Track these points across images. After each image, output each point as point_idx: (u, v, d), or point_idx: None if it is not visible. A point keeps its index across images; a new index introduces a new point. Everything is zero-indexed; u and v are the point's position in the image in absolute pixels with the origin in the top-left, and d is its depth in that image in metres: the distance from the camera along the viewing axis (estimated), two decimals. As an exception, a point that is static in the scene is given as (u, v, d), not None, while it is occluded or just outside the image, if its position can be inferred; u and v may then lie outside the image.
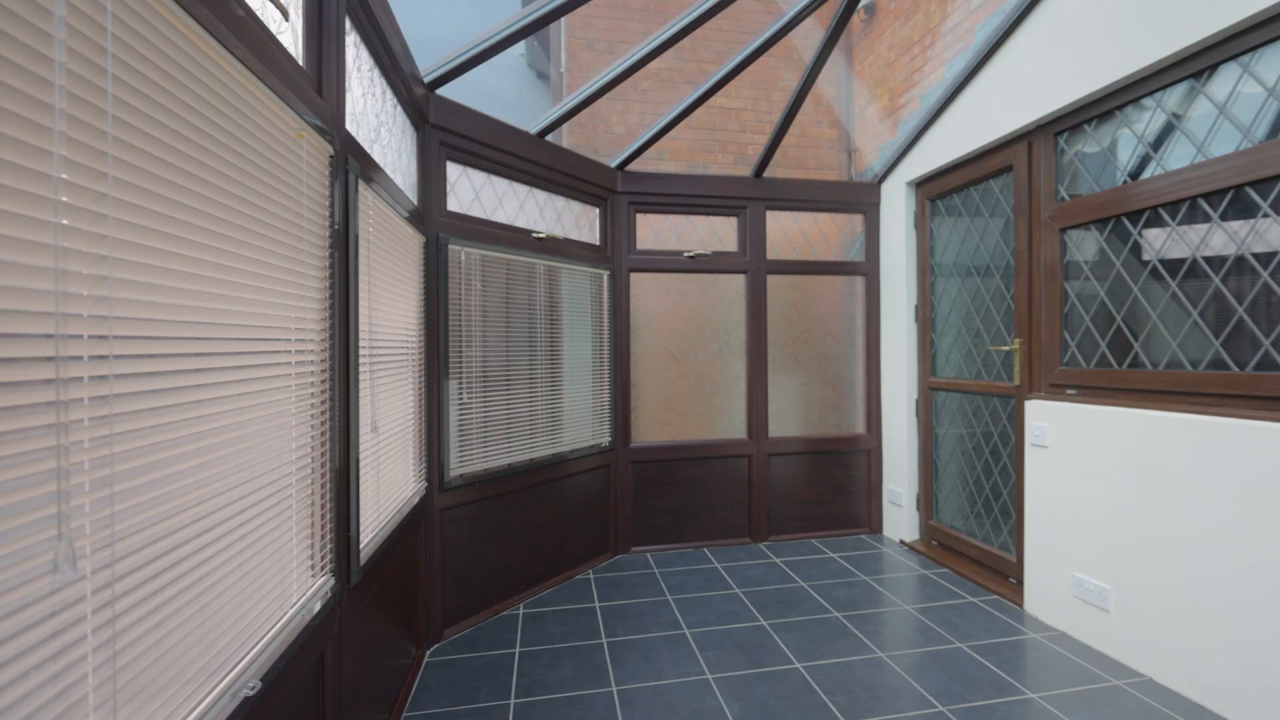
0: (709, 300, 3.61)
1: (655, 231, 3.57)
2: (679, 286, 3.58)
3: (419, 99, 2.34)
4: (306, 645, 1.29)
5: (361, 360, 1.72)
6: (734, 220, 3.64)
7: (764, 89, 4.20)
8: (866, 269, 3.79)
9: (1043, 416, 2.60)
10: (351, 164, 1.63)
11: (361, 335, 1.72)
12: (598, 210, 3.42)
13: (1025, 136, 2.77)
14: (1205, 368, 2.08)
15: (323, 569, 1.47)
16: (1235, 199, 1.99)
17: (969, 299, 3.24)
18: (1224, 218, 2.03)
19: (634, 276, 3.52)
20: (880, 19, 3.95)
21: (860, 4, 4.07)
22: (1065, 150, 2.62)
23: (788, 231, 3.72)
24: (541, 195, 3.07)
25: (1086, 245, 2.55)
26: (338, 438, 1.53)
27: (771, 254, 3.68)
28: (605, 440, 3.37)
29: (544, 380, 3.00)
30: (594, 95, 2.93)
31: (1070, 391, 2.56)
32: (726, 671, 2.21)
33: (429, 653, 2.40)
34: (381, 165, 2.00)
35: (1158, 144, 2.25)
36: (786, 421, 3.68)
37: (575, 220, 3.27)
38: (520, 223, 2.94)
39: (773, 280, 3.67)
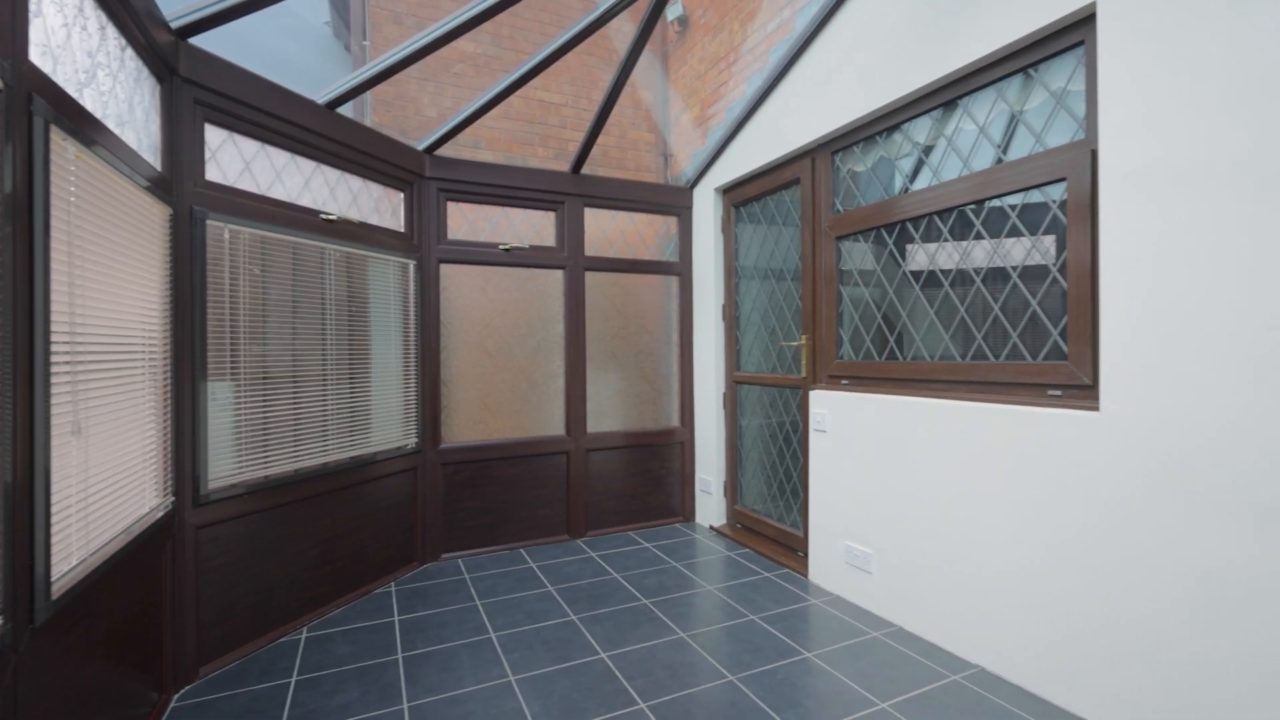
0: (527, 295, 3.53)
1: (469, 222, 3.40)
2: (495, 280, 3.45)
3: (163, 46, 1.96)
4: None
5: (59, 358, 1.38)
6: (552, 215, 3.60)
7: (585, 87, 4.24)
8: (681, 269, 3.98)
9: (823, 405, 2.91)
10: (40, 105, 1.30)
11: (58, 326, 1.38)
12: (402, 195, 3.16)
13: (809, 153, 3.09)
14: (939, 359, 2.47)
15: (-35, 616, 1.13)
16: (960, 217, 2.39)
17: (767, 299, 3.54)
18: (952, 233, 2.42)
19: (446, 268, 3.32)
20: (692, 33, 4.19)
21: (670, 12, 4.28)
22: (840, 168, 2.97)
23: (607, 230, 3.77)
24: (332, 173, 2.75)
25: (856, 253, 2.91)
26: (14, 446, 1.20)
27: (590, 251, 3.70)
28: (412, 442, 3.12)
29: (340, 378, 2.69)
30: (394, 67, 2.69)
31: (844, 382, 2.89)
32: (530, 671, 2.14)
33: (177, 697, 2.01)
34: (100, 117, 1.63)
35: (907, 168, 2.63)
36: (606, 417, 3.73)
37: (375, 204, 2.99)
38: (305, 201, 2.61)
39: (592, 277, 3.69)
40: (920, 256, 2.56)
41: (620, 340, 3.80)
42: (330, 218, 2.67)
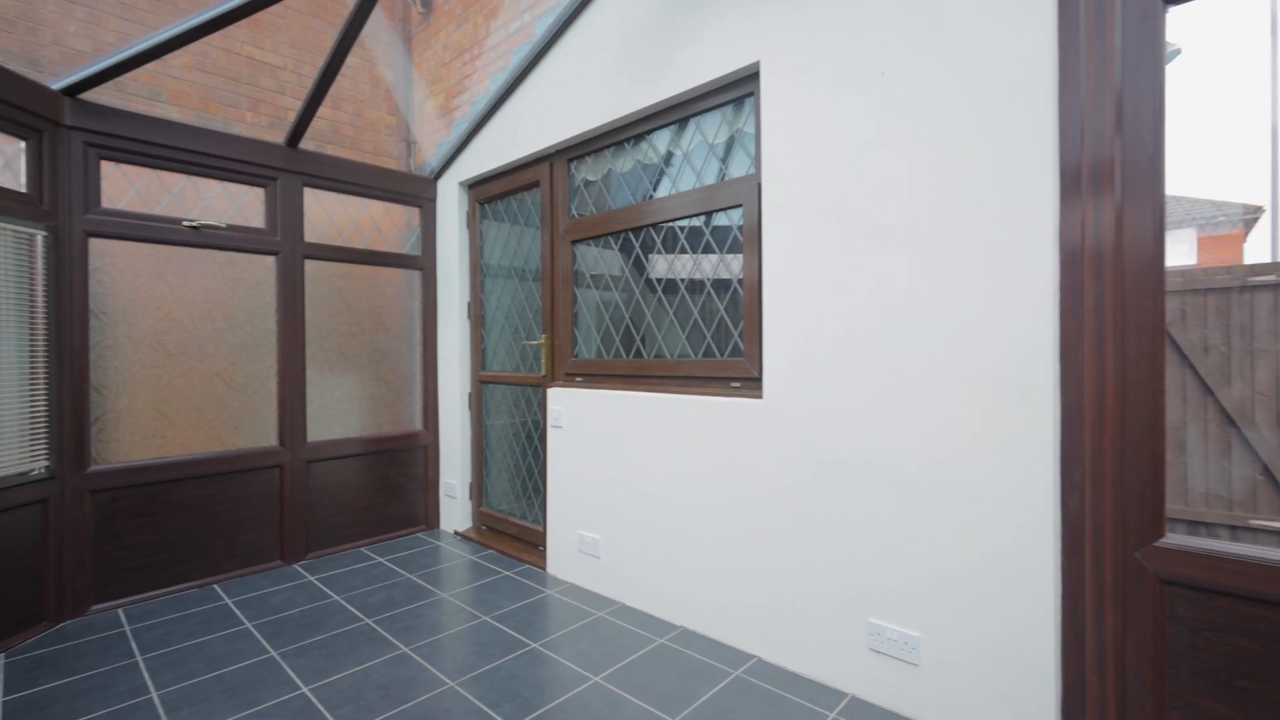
0: (226, 284, 2.99)
1: (138, 190, 2.75)
2: (179, 264, 2.85)
3: None
4: None
5: None
6: (262, 192, 3.11)
7: (311, 52, 3.75)
8: (424, 264, 3.77)
9: (559, 401, 3.01)
10: None
11: None
12: (24, 145, 2.42)
13: (548, 158, 3.17)
14: (654, 356, 2.73)
15: None
16: (669, 232, 2.67)
17: (511, 298, 3.55)
18: (664, 246, 2.70)
19: (101, 245, 2.63)
20: (436, 18, 4.00)
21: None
22: (575, 175, 3.11)
23: (335, 215, 3.39)
24: (-113, 98, 1.98)
25: (588, 256, 3.07)
26: None
27: (314, 237, 3.29)
28: (40, 466, 2.41)
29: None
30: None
31: (579, 379, 3.03)
32: (202, 731, 1.80)
33: None
34: None
35: (631, 183, 2.85)
36: (333, 423, 3.35)
37: (-27, 149, 2.23)
38: None
39: (315, 267, 3.28)
40: (635, 264, 2.81)
41: (352, 338, 3.45)
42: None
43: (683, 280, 2.62)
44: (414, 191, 3.70)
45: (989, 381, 1.66)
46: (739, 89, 2.34)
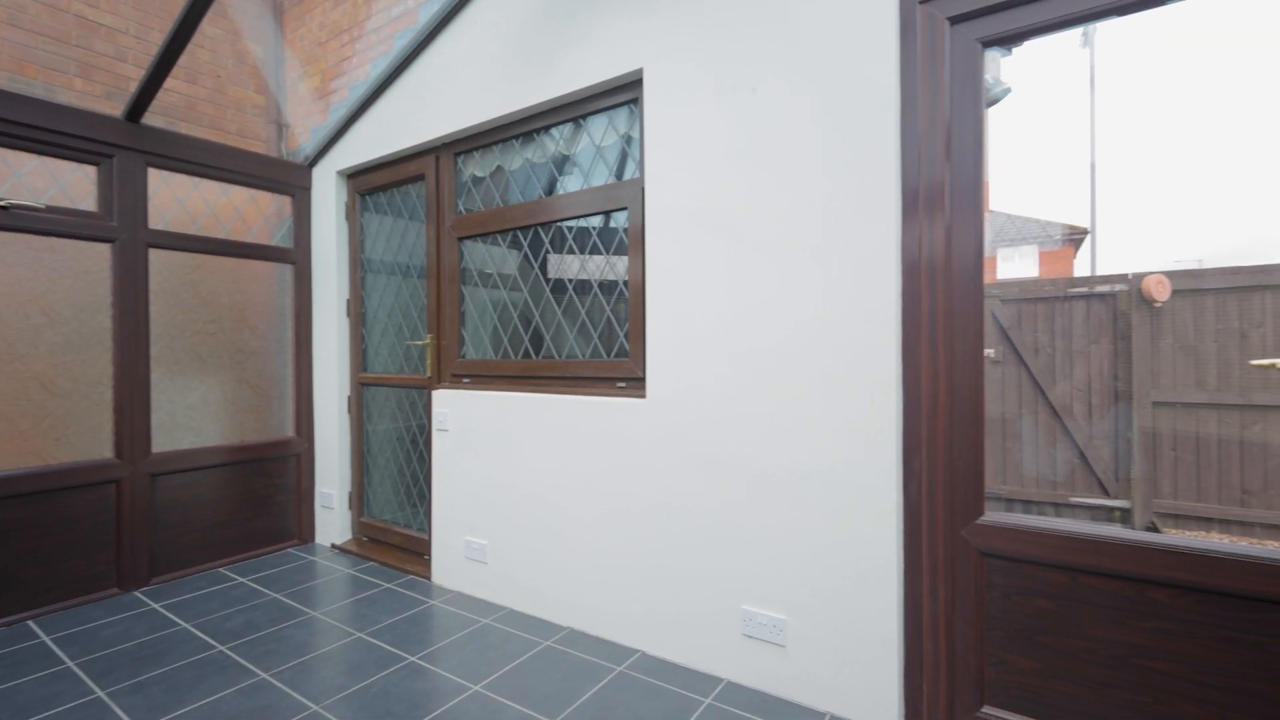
0: (44, 273, 2.60)
1: (-75, 159, 2.33)
2: (-18, 248, 2.44)
3: None
4: None
5: None
6: (93, 171, 2.74)
7: (158, 17, 3.35)
8: (296, 257, 3.49)
9: (445, 404, 2.90)
10: None
11: None
12: None
13: (433, 151, 3.05)
14: (543, 357, 2.71)
15: None
16: (557, 232, 2.66)
17: (395, 296, 3.37)
18: (553, 245, 2.68)
19: None
20: (311, -6, 3.73)
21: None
22: (463, 170, 3.01)
23: (189, 201, 3.06)
24: None
25: (476, 253, 2.99)
26: None
27: (161, 224, 2.95)
28: None
29: None
30: None
31: (466, 380, 2.94)
32: (4, 790, 1.56)
33: None
34: None
35: (520, 180, 2.81)
36: (187, 432, 3.01)
37: None
38: None
39: (162, 257, 2.94)
40: (525, 263, 2.78)
41: (210, 337, 3.13)
42: None
43: (571, 281, 2.63)
44: (285, 178, 3.42)
45: (844, 381, 1.80)
46: (625, 93, 2.38)
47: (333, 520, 3.44)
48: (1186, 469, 4.97)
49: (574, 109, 2.53)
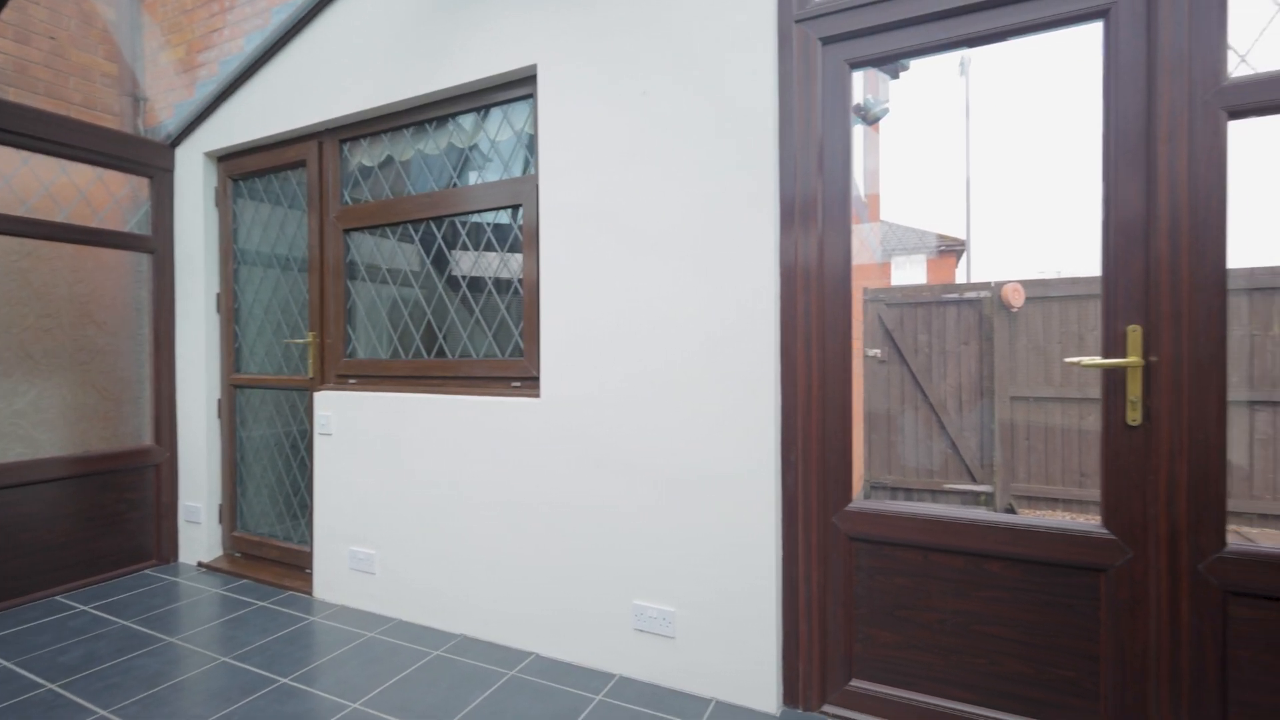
0: None
1: None
2: None
3: None
4: None
5: None
6: (-114, 137, 2.33)
7: (-24, -35, 2.90)
8: (156, 245, 3.15)
9: (328, 406, 2.73)
10: None
11: None
12: None
13: (316, 136, 2.86)
14: (435, 356, 2.61)
15: None
16: (450, 227, 2.57)
17: (273, 290, 3.13)
18: (446, 242, 2.59)
19: None
20: (174, -44, 3.38)
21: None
22: (350, 159, 2.84)
23: (14, 179, 2.67)
24: None
25: (364, 247, 2.83)
26: None
27: (-21, 203, 2.56)
28: None
29: None
30: None
31: (352, 381, 2.78)
32: None
33: None
34: None
35: (413, 171, 2.69)
36: (13, 442, 2.64)
37: None
38: None
39: (-19, 241, 2.55)
40: (418, 259, 2.67)
41: (45, 334, 2.75)
42: None
43: (466, 278, 2.55)
44: (142, 158, 3.07)
45: (728, 378, 1.88)
46: (520, 89, 2.34)
47: (200, 536, 3.13)
48: (1038, 456, 5.61)
49: (468, 101, 2.46)
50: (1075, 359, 1.61)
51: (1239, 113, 1.38)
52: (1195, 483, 1.40)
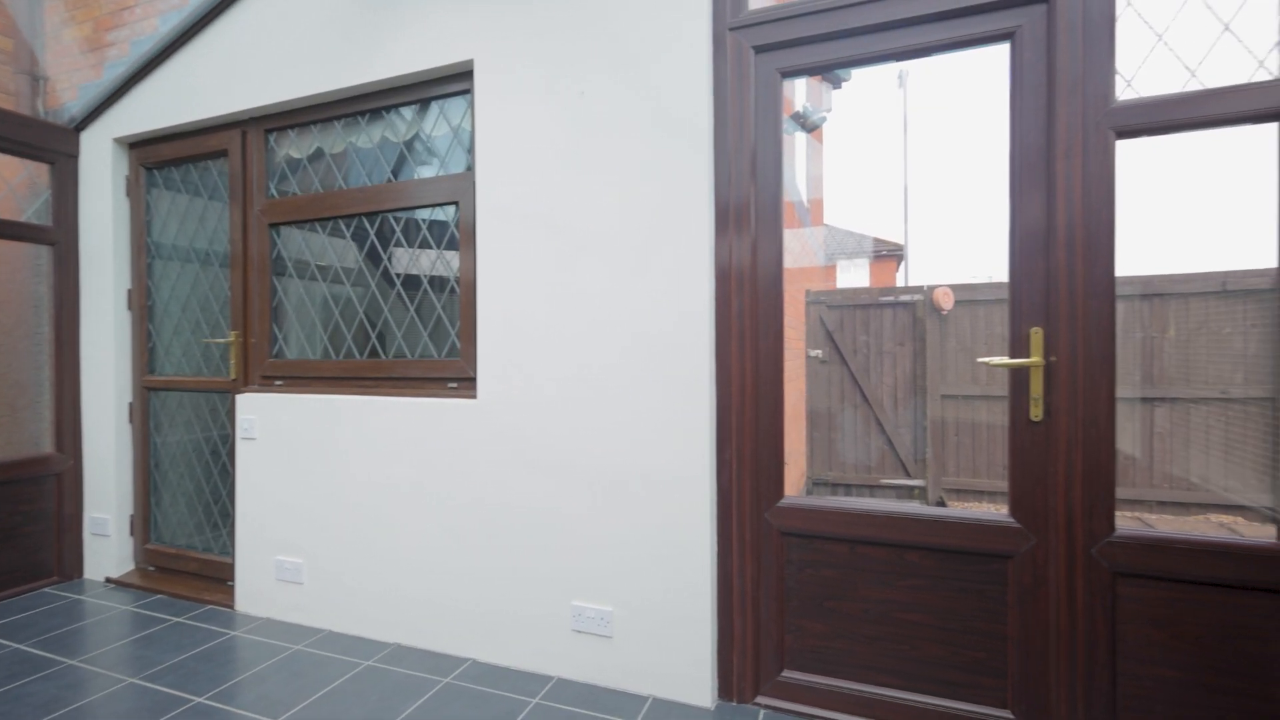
0: None
1: None
2: None
3: None
4: None
5: None
6: None
7: None
8: (58, 237, 2.91)
9: (252, 409, 2.59)
10: None
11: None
12: None
13: (239, 125, 2.71)
14: (367, 356, 2.53)
15: None
16: (383, 222, 2.49)
17: (191, 287, 2.95)
18: (379, 238, 2.51)
19: None
20: (78, -74, 3.14)
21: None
22: (276, 150, 2.71)
23: (-111, 159, 2.42)
24: None
25: (292, 242, 2.71)
26: None
27: None
28: None
29: None
30: None
31: (278, 383, 2.65)
32: None
33: None
34: None
35: (344, 164, 2.59)
36: (-117, 450, 2.38)
37: None
38: None
39: None
40: (351, 255, 2.58)
41: (-79, 331, 2.50)
42: None
43: (400, 276, 2.48)
44: (41, 142, 2.84)
45: (665, 378, 1.90)
46: (457, 84, 2.29)
47: (108, 550, 2.92)
48: (965, 451, 5.92)
49: (404, 94, 2.39)
50: (986, 359, 1.70)
51: (1126, 133, 1.50)
52: (1089, 473, 1.51)
